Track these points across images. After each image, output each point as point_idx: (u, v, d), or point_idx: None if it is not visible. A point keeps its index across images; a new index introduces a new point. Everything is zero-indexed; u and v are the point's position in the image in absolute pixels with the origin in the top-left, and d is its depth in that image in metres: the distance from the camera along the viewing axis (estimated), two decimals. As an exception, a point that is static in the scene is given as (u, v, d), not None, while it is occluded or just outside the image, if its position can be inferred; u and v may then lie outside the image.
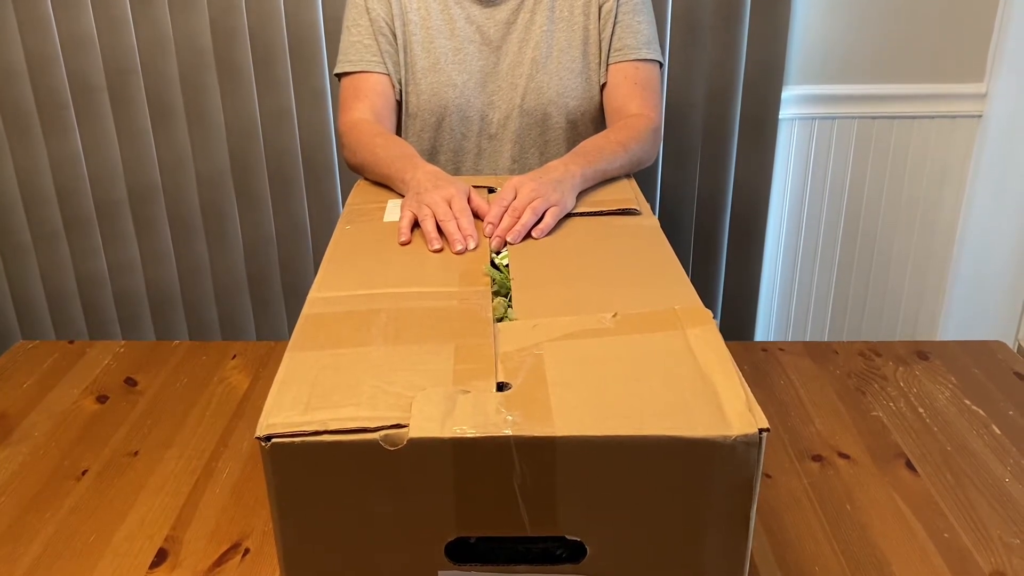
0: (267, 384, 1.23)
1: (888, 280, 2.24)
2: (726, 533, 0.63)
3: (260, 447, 0.61)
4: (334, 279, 0.87)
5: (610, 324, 0.76)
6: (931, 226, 2.17)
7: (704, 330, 0.74)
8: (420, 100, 1.36)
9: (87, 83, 2.00)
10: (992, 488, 1.00)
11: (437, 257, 0.93)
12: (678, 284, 0.85)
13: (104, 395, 1.23)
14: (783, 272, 2.24)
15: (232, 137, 2.05)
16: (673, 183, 2.10)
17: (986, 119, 2.05)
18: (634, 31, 1.35)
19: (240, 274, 2.19)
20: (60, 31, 1.96)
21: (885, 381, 1.23)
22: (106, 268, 2.19)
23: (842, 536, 0.93)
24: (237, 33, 1.95)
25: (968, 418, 1.14)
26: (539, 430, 0.61)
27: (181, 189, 2.11)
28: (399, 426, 0.61)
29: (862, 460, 1.06)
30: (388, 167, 1.17)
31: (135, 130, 2.05)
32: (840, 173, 2.13)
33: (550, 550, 0.67)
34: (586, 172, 1.12)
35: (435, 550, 0.65)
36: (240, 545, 0.93)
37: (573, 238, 0.99)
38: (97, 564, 0.90)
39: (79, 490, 1.02)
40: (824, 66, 2.04)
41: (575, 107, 1.36)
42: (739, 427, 0.61)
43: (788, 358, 1.29)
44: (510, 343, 0.73)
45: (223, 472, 1.05)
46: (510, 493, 0.62)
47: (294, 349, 0.73)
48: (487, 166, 1.41)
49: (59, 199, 2.12)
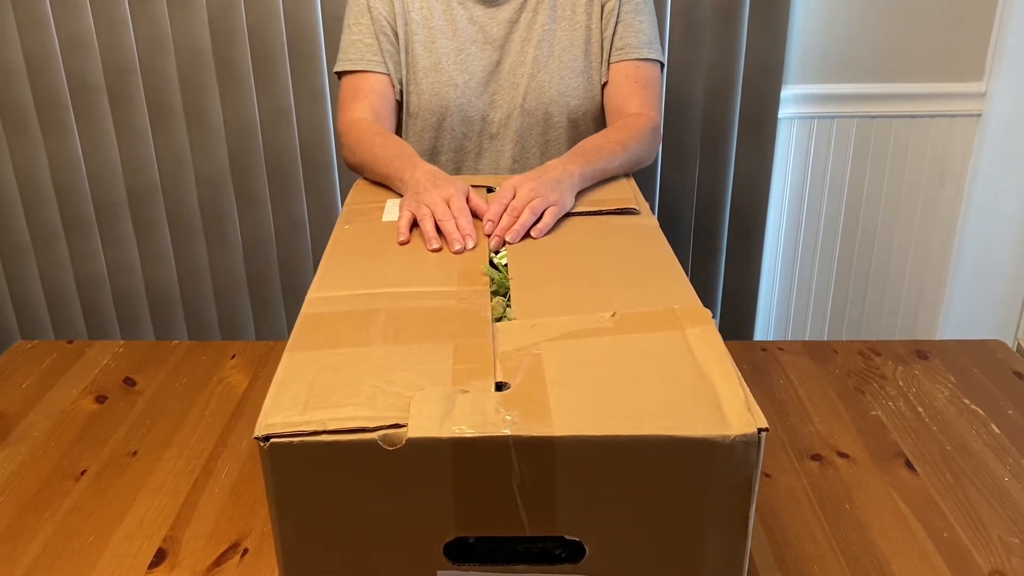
0: (266, 384, 1.23)
1: (887, 279, 2.24)
2: (725, 532, 0.63)
3: (259, 447, 0.61)
4: (333, 279, 0.87)
5: (609, 324, 0.76)
6: (930, 225, 2.17)
7: (703, 330, 0.74)
8: (421, 100, 1.36)
9: (86, 83, 2.00)
10: (991, 487, 1.00)
11: (436, 257, 0.93)
12: (677, 284, 0.84)
13: (103, 395, 1.23)
14: (782, 271, 2.24)
15: (231, 137, 2.05)
16: (672, 182, 2.10)
17: (985, 118, 2.05)
18: (636, 30, 1.35)
19: (239, 274, 2.19)
20: (59, 31, 1.96)
21: (884, 380, 1.23)
22: (105, 268, 2.19)
23: (841, 535, 0.93)
24: (236, 33, 1.95)
25: (967, 417, 1.14)
26: (538, 430, 0.61)
27: (180, 189, 2.11)
28: (398, 426, 0.61)
29: (861, 459, 1.06)
30: (387, 167, 1.17)
31: (134, 130, 2.05)
32: (839, 172, 2.13)
33: (549, 550, 0.67)
34: (585, 171, 1.12)
35: (434, 550, 0.65)
36: (239, 545, 0.93)
37: (572, 238, 0.98)
38: (96, 564, 0.90)
39: (78, 490, 1.02)
40: (823, 65, 2.04)
41: (577, 106, 1.36)
42: (738, 427, 0.61)
43: (787, 357, 1.29)
44: (509, 343, 0.73)
45: (222, 472, 1.05)
46: (509, 493, 0.62)
47: (293, 349, 0.73)
48: (488, 166, 1.41)
49: (58, 199, 2.11)
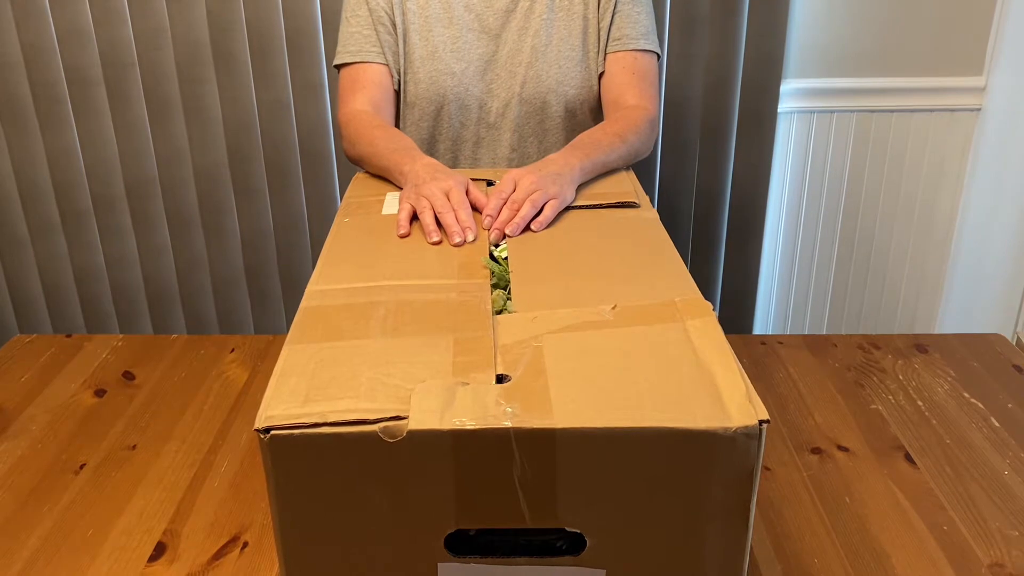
0: (265, 378, 1.23)
1: (887, 273, 2.24)
2: (726, 525, 0.63)
3: (259, 439, 0.61)
4: (333, 272, 0.87)
5: (609, 316, 0.76)
6: (930, 219, 2.17)
7: (704, 322, 0.74)
8: (418, 89, 1.36)
9: (83, 76, 1.99)
10: (991, 481, 1.00)
11: (436, 250, 0.93)
12: (678, 276, 0.84)
13: (102, 389, 1.22)
14: (782, 265, 2.24)
15: (229, 130, 2.04)
16: (672, 176, 2.10)
17: (985, 112, 2.04)
18: (633, 21, 1.35)
19: (238, 267, 2.19)
20: (56, 24, 1.95)
21: (884, 374, 1.23)
22: (103, 262, 2.18)
23: (841, 529, 0.93)
24: (234, 25, 1.94)
25: (967, 411, 1.14)
26: (539, 422, 0.61)
27: (178, 182, 2.10)
28: (398, 418, 0.61)
29: (861, 453, 1.06)
30: (387, 159, 1.17)
31: (132, 123, 2.04)
32: (839, 166, 2.13)
33: (550, 542, 0.67)
34: (585, 165, 1.12)
35: (435, 542, 0.65)
36: (239, 538, 0.93)
37: (572, 231, 0.98)
38: (95, 558, 0.90)
39: (77, 484, 1.02)
40: (823, 59, 2.03)
41: (574, 96, 1.36)
42: (739, 419, 0.61)
43: (787, 351, 1.29)
44: (509, 335, 0.73)
45: (221, 466, 1.05)
46: (510, 485, 0.62)
47: (293, 342, 0.73)
48: (486, 155, 1.41)
49: (56, 193, 2.11)
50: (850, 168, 2.13)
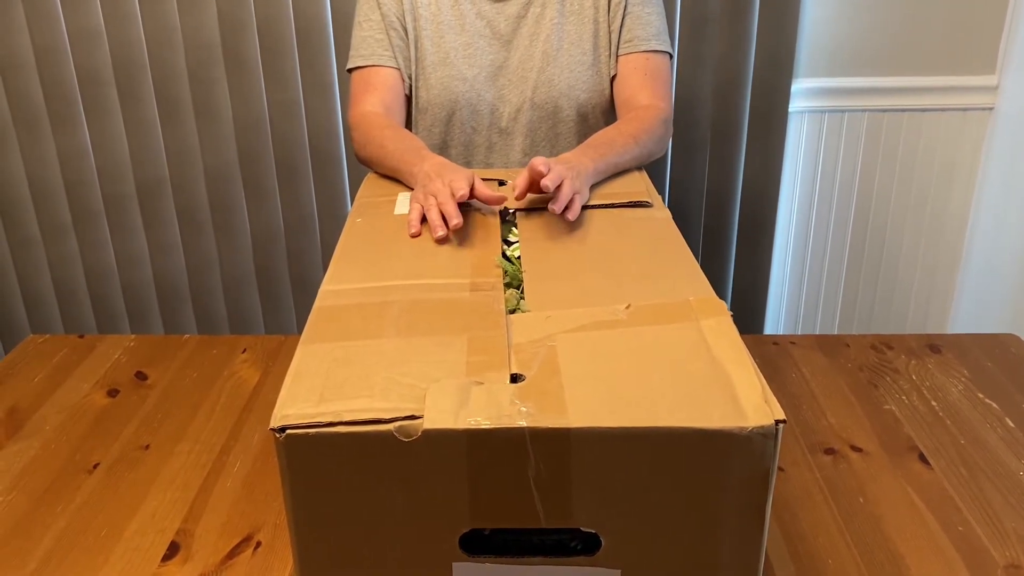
0: (277, 378, 1.23)
1: (898, 273, 2.23)
2: (742, 525, 0.63)
3: (274, 438, 0.61)
4: (346, 272, 0.87)
5: (623, 316, 0.76)
6: (941, 219, 2.16)
7: (719, 321, 0.74)
8: (430, 94, 1.36)
9: (95, 77, 2.00)
10: (1006, 481, 1.00)
11: (448, 249, 0.93)
12: (691, 276, 0.84)
13: (115, 389, 1.23)
14: (793, 265, 2.23)
15: (240, 130, 2.05)
16: (682, 177, 2.09)
17: (997, 112, 2.03)
18: (644, 22, 1.35)
19: (248, 267, 2.19)
20: (68, 25, 1.96)
21: (897, 374, 1.22)
22: (114, 262, 2.19)
23: (855, 529, 0.93)
24: (245, 26, 1.95)
25: (981, 411, 1.13)
26: (553, 421, 0.60)
27: (189, 182, 2.11)
28: (413, 417, 0.61)
29: (875, 453, 1.05)
30: (397, 160, 1.17)
31: (143, 123, 2.05)
32: (850, 166, 2.12)
33: (564, 542, 0.67)
34: (598, 165, 1.12)
35: (449, 542, 0.64)
36: (252, 538, 0.93)
37: (585, 230, 0.98)
38: (109, 558, 0.91)
39: (90, 484, 1.03)
40: (834, 59, 2.02)
41: (586, 100, 1.36)
42: (755, 418, 0.60)
43: (799, 351, 1.29)
44: (523, 335, 0.73)
45: (234, 466, 1.05)
46: (524, 485, 0.62)
47: (307, 341, 0.73)
48: (498, 160, 1.41)
49: (67, 193, 2.12)
50: (861, 167, 2.12)
